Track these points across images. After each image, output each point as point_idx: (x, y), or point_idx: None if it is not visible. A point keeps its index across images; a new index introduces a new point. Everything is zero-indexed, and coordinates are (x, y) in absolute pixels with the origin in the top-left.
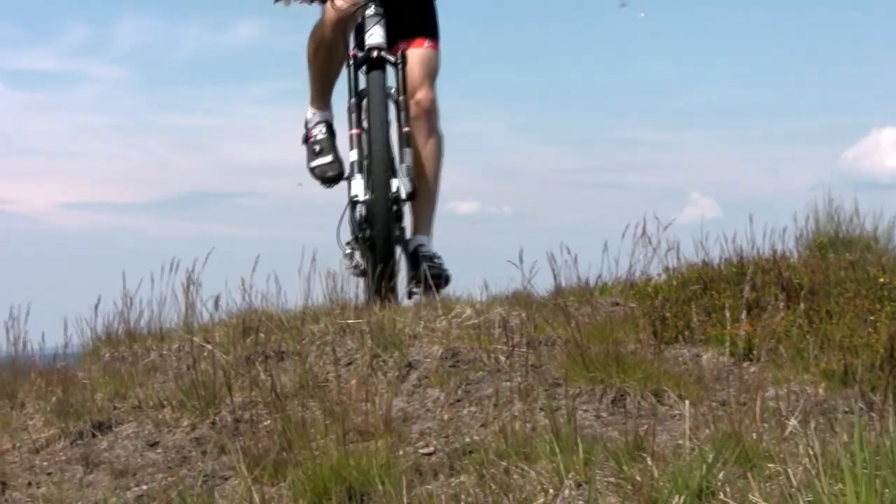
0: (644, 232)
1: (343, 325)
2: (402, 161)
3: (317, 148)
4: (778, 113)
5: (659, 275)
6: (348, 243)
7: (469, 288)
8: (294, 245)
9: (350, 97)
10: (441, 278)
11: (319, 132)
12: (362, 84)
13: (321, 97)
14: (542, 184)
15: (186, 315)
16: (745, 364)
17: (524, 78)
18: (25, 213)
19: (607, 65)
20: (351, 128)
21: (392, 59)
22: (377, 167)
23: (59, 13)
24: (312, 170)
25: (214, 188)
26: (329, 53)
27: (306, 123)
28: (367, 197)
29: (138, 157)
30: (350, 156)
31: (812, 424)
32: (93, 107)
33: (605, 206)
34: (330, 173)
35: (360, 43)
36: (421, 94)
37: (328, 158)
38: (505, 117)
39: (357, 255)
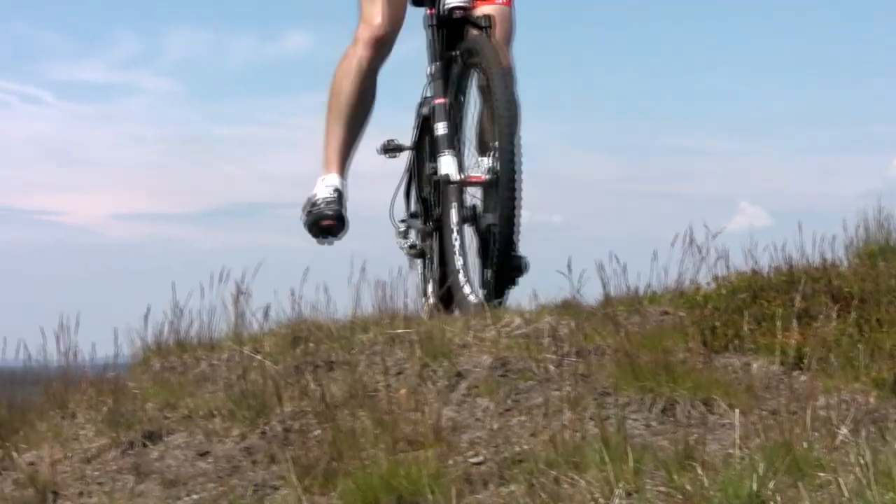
0: (693, 241)
1: (392, 334)
2: (494, 138)
3: (320, 203)
4: (828, 120)
5: (708, 283)
6: (403, 220)
7: (518, 297)
8: (343, 255)
9: (433, 60)
10: (522, 268)
11: (330, 193)
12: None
13: (346, 156)
14: (592, 192)
15: (236, 325)
16: (796, 373)
17: (572, 85)
18: (78, 224)
19: (657, 73)
20: (436, 96)
21: (481, 21)
22: (506, 143)
23: (109, 25)
24: (309, 213)
25: (265, 198)
26: (368, 92)
27: (314, 201)
28: (463, 177)
29: (189, 167)
30: (437, 129)
31: (863, 433)
32: (143, 118)
33: (653, 214)
34: (329, 212)
35: (435, 1)
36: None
37: (332, 209)
38: (553, 125)
39: (413, 233)
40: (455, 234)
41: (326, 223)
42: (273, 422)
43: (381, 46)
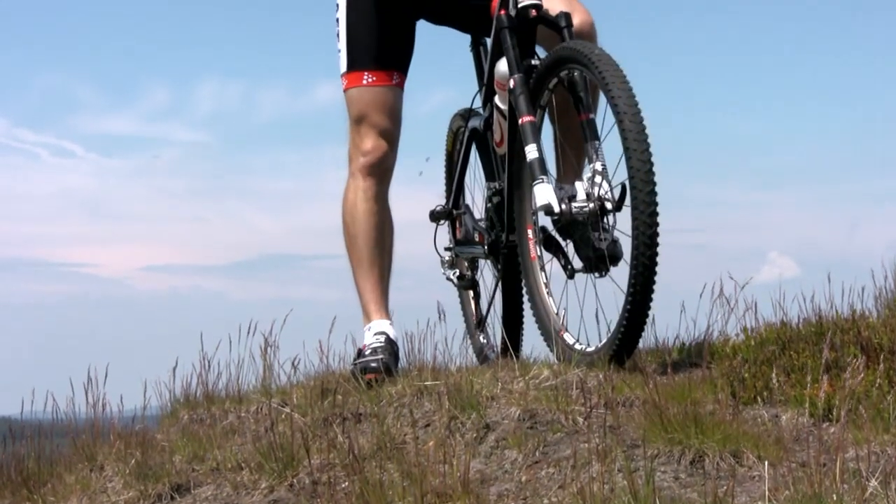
0: (722, 292)
1: (420, 386)
2: (589, 161)
3: (367, 353)
4: (857, 172)
5: (737, 335)
6: (448, 249)
7: (546, 348)
8: None
9: (514, 71)
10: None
11: (377, 340)
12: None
13: (383, 295)
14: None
15: (264, 377)
16: (825, 425)
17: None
18: (108, 276)
19: (686, 124)
20: (521, 114)
21: (562, 21)
22: (642, 164)
23: (140, 78)
24: (356, 365)
25: (294, 250)
26: (382, 220)
27: (361, 350)
28: (573, 208)
29: (218, 219)
30: (528, 152)
31: (893, 485)
32: (174, 170)
33: (682, 265)
34: (373, 365)
35: (505, 1)
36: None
37: (378, 360)
38: None
39: (462, 261)
40: (540, 270)
41: (369, 376)
42: (301, 474)
43: (381, 171)
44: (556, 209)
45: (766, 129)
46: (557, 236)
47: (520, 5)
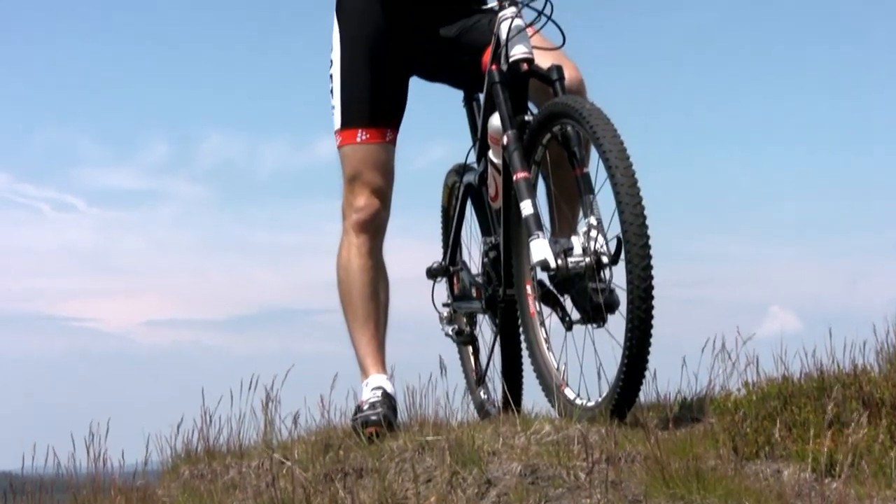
0: (723, 346)
1: (422, 441)
2: (584, 215)
3: (365, 409)
4: (858, 225)
5: (738, 389)
6: (446, 305)
7: (547, 403)
8: None
9: (507, 126)
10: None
11: (374, 395)
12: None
13: (379, 349)
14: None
15: (265, 432)
16: (827, 480)
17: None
18: (111, 330)
19: (686, 179)
20: (516, 170)
21: (552, 74)
22: (634, 217)
23: (142, 132)
24: (355, 419)
25: (295, 304)
26: (376, 275)
27: (359, 406)
28: (569, 263)
29: (220, 273)
30: (523, 209)
31: None
32: (175, 224)
33: (683, 319)
34: (373, 418)
35: (497, 56)
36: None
37: (377, 413)
38: None
39: (460, 317)
40: (539, 325)
41: (369, 430)
42: None
43: (374, 227)
44: (553, 265)
45: (766, 182)
46: (555, 290)
47: (511, 59)
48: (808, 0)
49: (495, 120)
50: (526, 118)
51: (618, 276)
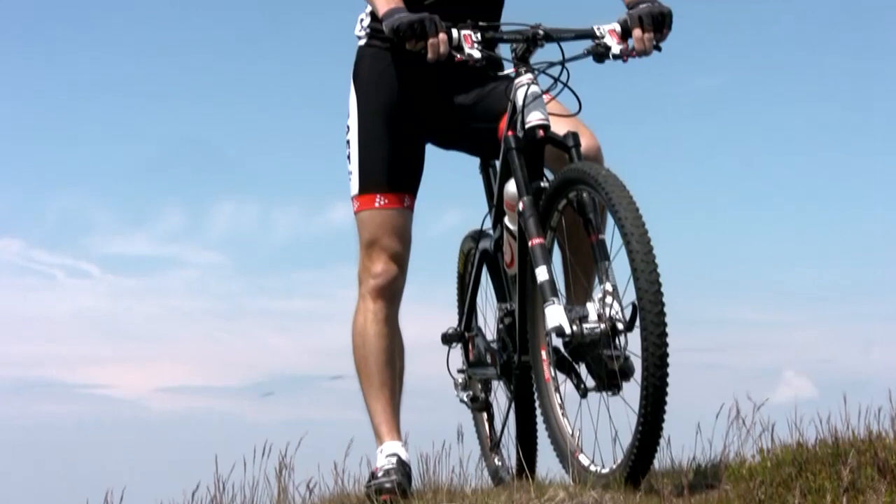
0: (738, 413)
1: None
2: (599, 281)
3: (380, 476)
4: (874, 291)
5: (753, 456)
6: (461, 371)
7: (561, 469)
8: None
9: (523, 193)
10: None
11: (389, 462)
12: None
13: (394, 416)
14: None
15: (279, 499)
16: None
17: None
18: (123, 397)
19: (701, 240)
20: (532, 236)
21: (569, 141)
22: (650, 285)
23: (155, 199)
24: (369, 486)
25: (310, 371)
26: (392, 342)
27: (374, 472)
28: (584, 329)
29: (234, 340)
30: (538, 275)
31: None
32: (189, 291)
33: (697, 385)
34: (387, 486)
35: (513, 122)
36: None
37: (391, 480)
38: None
39: (475, 383)
40: (554, 391)
41: (384, 497)
42: None
43: (391, 293)
44: (568, 331)
45: (780, 247)
46: (570, 357)
47: (527, 126)
48: (819, 59)
49: (511, 186)
50: (542, 184)
51: (633, 343)
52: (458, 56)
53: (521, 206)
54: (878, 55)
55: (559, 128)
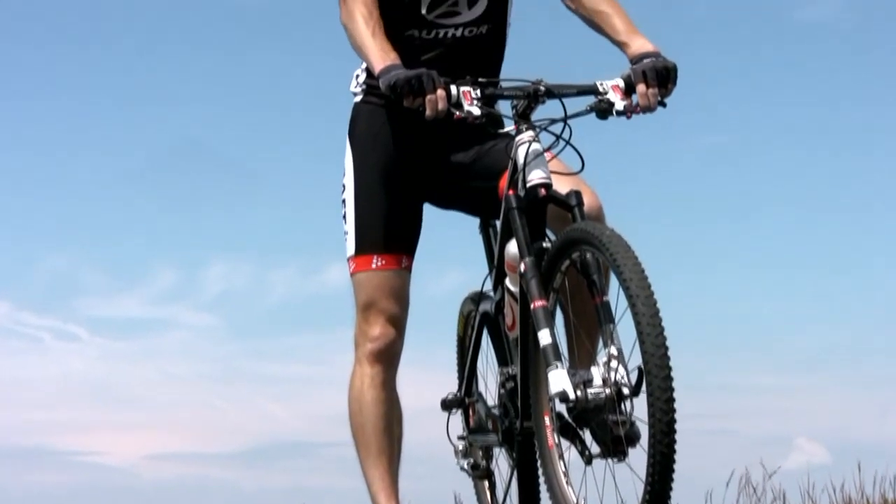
0: (749, 480)
1: None
2: (604, 345)
3: None
4: (889, 354)
5: None
6: (461, 438)
7: None
8: None
9: (525, 254)
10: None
11: None
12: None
13: (393, 482)
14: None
15: None
16: None
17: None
18: (114, 464)
19: (710, 302)
20: (534, 298)
21: (572, 200)
22: (656, 349)
23: (146, 260)
24: None
25: (307, 437)
26: (390, 406)
27: None
28: (588, 394)
29: (227, 405)
30: (541, 338)
31: None
32: (181, 354)
33: (706, 453)
34: None
35: (514, 181)
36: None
37: None
38: None
39: (476, 450)
40: (558, 458)
41: None
42: None
43: (388, 357)
44: (572, 396)
45: (792, 308)
46: (574, 423)
47: (529, 185)
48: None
49: (512, 247)
50: (544, 245)
51: (639, 409)
52: (457, 113)
53: (522, 267)
54: (892, 110)
55: (561, 186)
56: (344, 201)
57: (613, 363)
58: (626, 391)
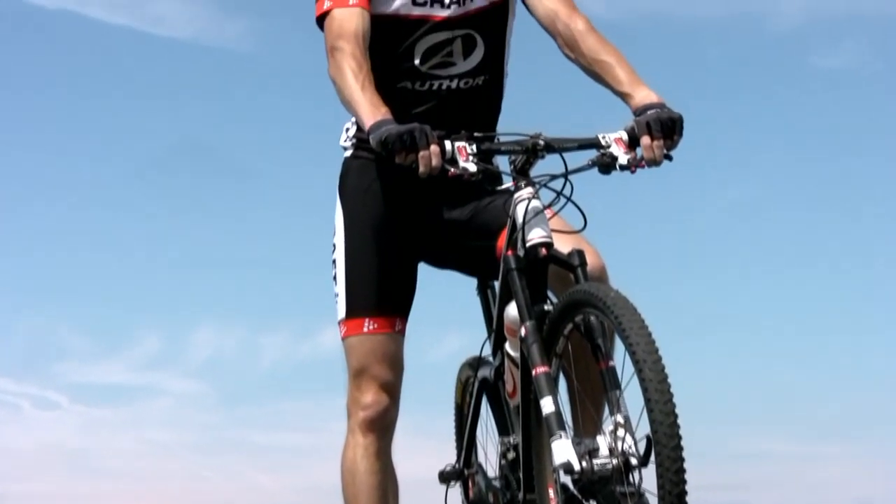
0: None
1: None
2: (610, 413)
3: None
4: None
5: None
6: None
7: None
8: None
9: (525, 317)
10: None
11: None
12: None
13: None
14: None
15: None
16: None
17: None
18: None
19: (723, 368)
20: (535, 364)
21: (574, 260)
22: (665, 416)
23: (130, 324)
24: None
25: None
26: (385, 476)
27: None
28: (594, 465)
29: (214, 476)
30: (543, 406)
31: None
32: (165, 422)
33: None
34: None
35: (513, 240)
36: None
37: None
38: None
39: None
40: None
41: None
42: None
43: (382, 426)
44: (577, 467)
45: (811, 374)
46: (579, 495)
47: (529, 244)
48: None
49: (512, 310)
50: (545, 307)
51: (648, 480)
52: (452, 170)
53: (523, 331)
54: None
55: (562, 245)
56: (334, 262)
57: (620, 432)
58: (634, 461)
